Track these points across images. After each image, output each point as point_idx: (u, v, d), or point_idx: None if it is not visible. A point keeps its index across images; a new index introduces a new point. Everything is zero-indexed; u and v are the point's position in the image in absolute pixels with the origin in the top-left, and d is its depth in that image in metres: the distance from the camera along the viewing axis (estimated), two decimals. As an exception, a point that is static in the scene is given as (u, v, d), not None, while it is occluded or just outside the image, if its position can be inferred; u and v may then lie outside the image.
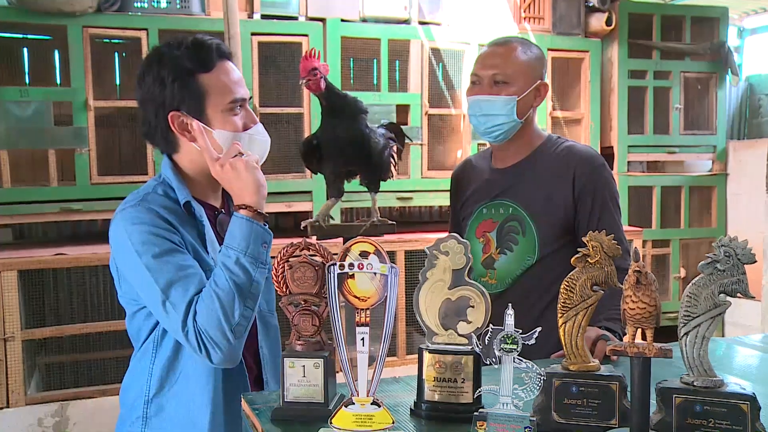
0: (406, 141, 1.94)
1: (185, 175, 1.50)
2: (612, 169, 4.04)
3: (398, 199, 3.58)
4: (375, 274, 1.14)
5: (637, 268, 1.00)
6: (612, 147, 4.07)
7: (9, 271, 2.75)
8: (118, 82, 3.60)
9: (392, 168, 1.80)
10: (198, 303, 1.34)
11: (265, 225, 1.41)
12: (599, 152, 3.92)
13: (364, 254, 1.14)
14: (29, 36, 3.47)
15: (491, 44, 1.83)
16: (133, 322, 1.50)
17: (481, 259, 1.85)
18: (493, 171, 1.90)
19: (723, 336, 4.09)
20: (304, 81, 1.63)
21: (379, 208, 1.77)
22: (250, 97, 1.55)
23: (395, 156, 1.86)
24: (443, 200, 3.57)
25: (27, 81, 3.48)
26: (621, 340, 1.63)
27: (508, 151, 1.86)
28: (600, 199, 1.78)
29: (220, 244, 1.50)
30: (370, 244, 1.15)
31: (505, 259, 1.81)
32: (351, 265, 1.14)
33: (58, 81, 3.49)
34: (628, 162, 4.10)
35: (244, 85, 1.49)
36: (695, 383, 1.07)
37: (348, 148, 1.62)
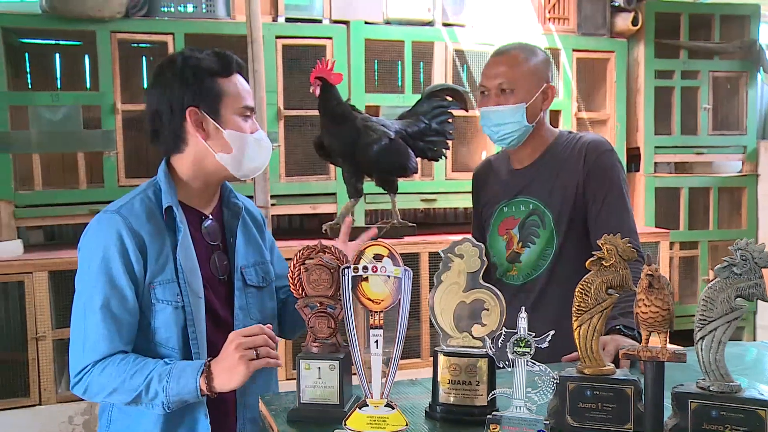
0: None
1: (178, 179, 1.56)
2: (638, 171, 4.03)
3: (422, 200, 3.57)
4: (389, 277, 1.15)
5: (650, 272, 1.00)
6: (638, 148, 4.02)
7: (40, 271, 2.82)
8: (145, 85, 3.66)
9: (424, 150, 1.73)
10: (110, 365, 1.40)
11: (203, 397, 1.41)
12: (626, 153, 3.93)
13: (378, 257, 1.15)
14: (61, 42, 3.55)
15: (494, 54, 1.87)
16: None
17: (506, 256, 1.89)
18: (511, 172, 1.95)
19: (754, 340, 4.02)
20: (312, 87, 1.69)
21: (403, 209, 1.78)
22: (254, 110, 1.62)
23: (449, 124, 1.84)
24: (467, 202, 3.53)
25: (58, 86, 3.56)
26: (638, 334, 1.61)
27: (523, 153, 1.91)
28: (607, 182, 1.81)
29: (202, 248, 1.55)
30: (384, 247, 1.16)
31: (528, 252, 1.86)
32: (365, 268, 1.15)
33: (88, 85, 3.56)
34: (655, 163, 4.04)
35: (252, 97, 1.59)
36: (711, 388, 1.07)
37: (343, 155, 1.65)
